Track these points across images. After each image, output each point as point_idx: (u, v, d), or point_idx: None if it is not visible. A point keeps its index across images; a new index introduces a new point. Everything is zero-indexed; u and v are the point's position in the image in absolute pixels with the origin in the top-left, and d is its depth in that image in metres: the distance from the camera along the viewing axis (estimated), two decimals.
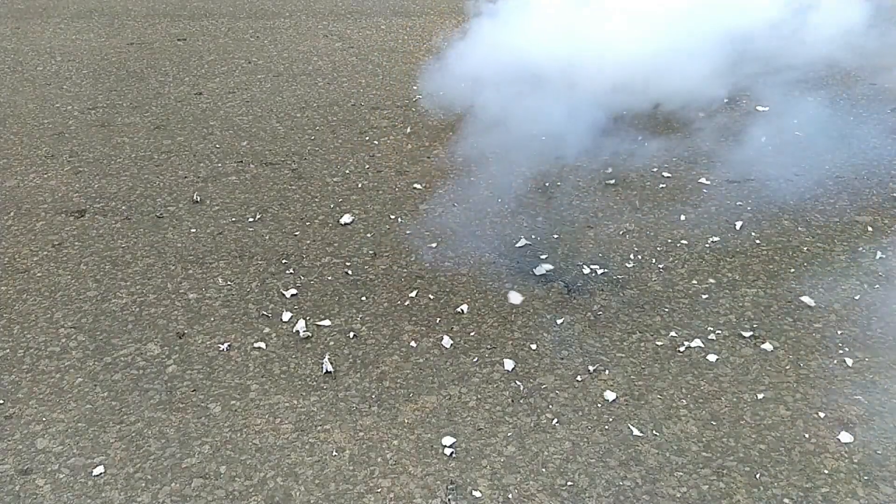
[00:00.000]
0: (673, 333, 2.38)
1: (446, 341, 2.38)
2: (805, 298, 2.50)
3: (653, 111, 3.69)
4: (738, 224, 2.88)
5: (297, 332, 2.41)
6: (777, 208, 3.00)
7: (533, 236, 2.85)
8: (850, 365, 2.24)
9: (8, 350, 2.38)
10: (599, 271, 2.67)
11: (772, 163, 3.29)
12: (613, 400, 2.15)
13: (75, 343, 2.41)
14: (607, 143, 3.41)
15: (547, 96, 3.53)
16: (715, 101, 3.76)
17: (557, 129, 3.44)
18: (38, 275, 2.72)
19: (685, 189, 3.14)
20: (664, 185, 3.16)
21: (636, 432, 2.05)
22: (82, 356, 2.35)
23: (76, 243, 2.89)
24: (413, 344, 2.37)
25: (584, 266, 2.69)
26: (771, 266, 2.68)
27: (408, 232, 2.89)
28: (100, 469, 1.97)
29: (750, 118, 3.66)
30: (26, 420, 2.13)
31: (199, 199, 3.11)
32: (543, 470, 1.96)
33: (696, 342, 2.33)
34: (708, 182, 3.17)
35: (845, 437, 2.01)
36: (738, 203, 3.04)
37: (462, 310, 2.50)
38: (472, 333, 2.41)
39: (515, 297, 2.54)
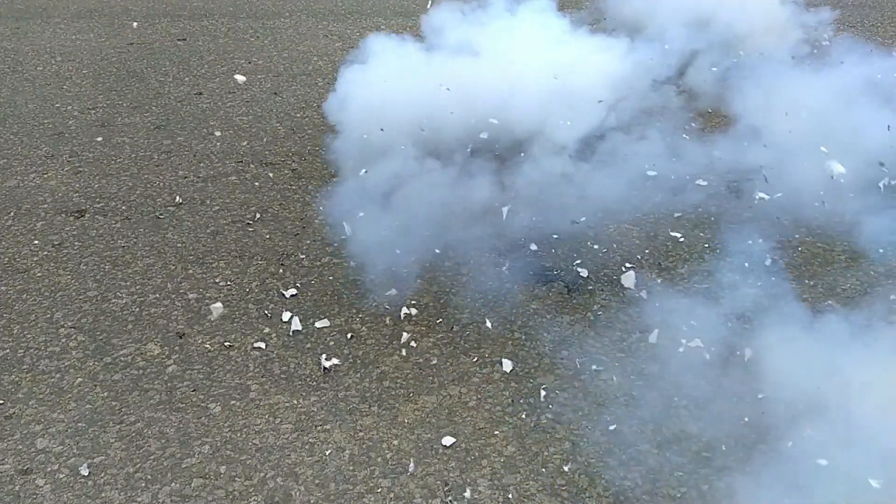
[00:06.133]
0: (673, 333, 2.38)
1: (447, 342, 2.38)
2: None
3: None
4: None
5: (296, 330, 2.42)
6: None
7: (533, 236, 2.85)
8: None
9: (8, 350, 2.38)
10: (599, 271, 2.67)
11: None
12: (613, 400, 2.15)
13: (75, 343, 2.41)
14: None
15: None
16: None
17: None
18: (38, 275, 2.72)
19: None
20: None
21: (636, 432, 2.05)
22: (82, 356, 2.35)
23: (76, 243, 2.89)
24: (413, 344, 2.38)
25: (584, 266, 2.69)
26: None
27: (408, 233, 2.89)
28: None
29: None
30: (26, 420, 2.13)
31: (181, 202, 3.10)
32: (543, 470, 1.96)
33: (696, 342, 2.33)
34: None
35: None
36: None
37: (461, 310, 2.50)
38: (472, 333, 2.41)
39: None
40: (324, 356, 2.32)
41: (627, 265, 2.70)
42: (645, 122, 3.50)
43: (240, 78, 3.03)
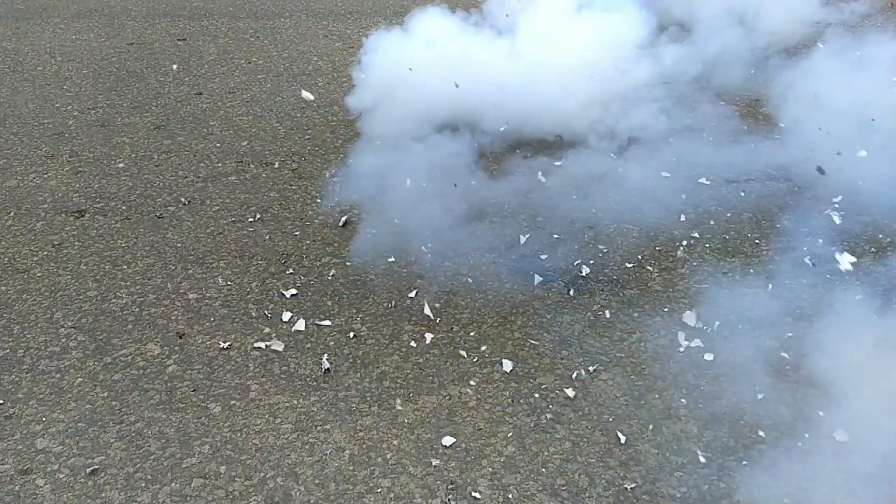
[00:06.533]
0: (673, 333, 2.38)
1: (447, 342, 2.38)
2: None
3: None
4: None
5: (297, 330, 2.42)
6: None
7: (533, 236, 2.85)
8: None
9: (8, 350, 2.39)
10: (599, 271, 2.67)
11: None
12: (613, 400, 2.15)
13: (75, 343, 2.41)
14: None
15: None
16: None
17: None
18: (38, 275, 2.72)
19: None
20: None
21: (636, 433, 2.05)
22: (82, 356, 2.35)
23: (76, 243, 2.89)
24: (413, 344, 2.38)
25: (584, 266, 2.69)
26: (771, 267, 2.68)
27: (408, 232, 2.89)
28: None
29: None
30: (26, 420, 2.13)
31: (187, 202, 3.10)
32: (543, 470, 1.96)
33: (696, 342, 2.33)
34: None
35: (843, 436, 2.00)
36: None
37: (461, 310, 2.50)
38: (472, 333, 2.41)
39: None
40: (325, 356, 2.32)
41: (628, 265, 2.70)
42: (667, 123, 3.51)
43: (307, 95, 3.08)
